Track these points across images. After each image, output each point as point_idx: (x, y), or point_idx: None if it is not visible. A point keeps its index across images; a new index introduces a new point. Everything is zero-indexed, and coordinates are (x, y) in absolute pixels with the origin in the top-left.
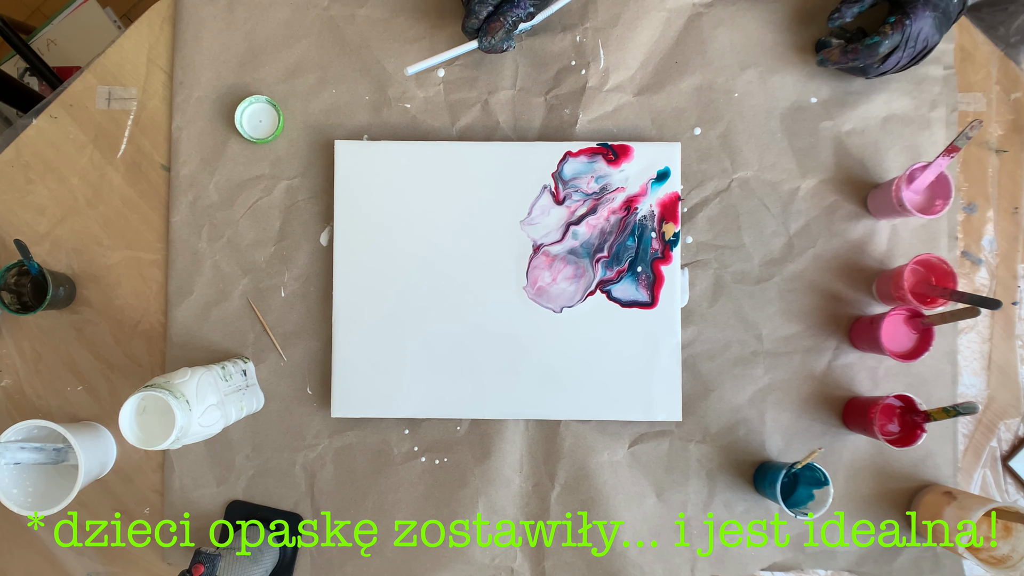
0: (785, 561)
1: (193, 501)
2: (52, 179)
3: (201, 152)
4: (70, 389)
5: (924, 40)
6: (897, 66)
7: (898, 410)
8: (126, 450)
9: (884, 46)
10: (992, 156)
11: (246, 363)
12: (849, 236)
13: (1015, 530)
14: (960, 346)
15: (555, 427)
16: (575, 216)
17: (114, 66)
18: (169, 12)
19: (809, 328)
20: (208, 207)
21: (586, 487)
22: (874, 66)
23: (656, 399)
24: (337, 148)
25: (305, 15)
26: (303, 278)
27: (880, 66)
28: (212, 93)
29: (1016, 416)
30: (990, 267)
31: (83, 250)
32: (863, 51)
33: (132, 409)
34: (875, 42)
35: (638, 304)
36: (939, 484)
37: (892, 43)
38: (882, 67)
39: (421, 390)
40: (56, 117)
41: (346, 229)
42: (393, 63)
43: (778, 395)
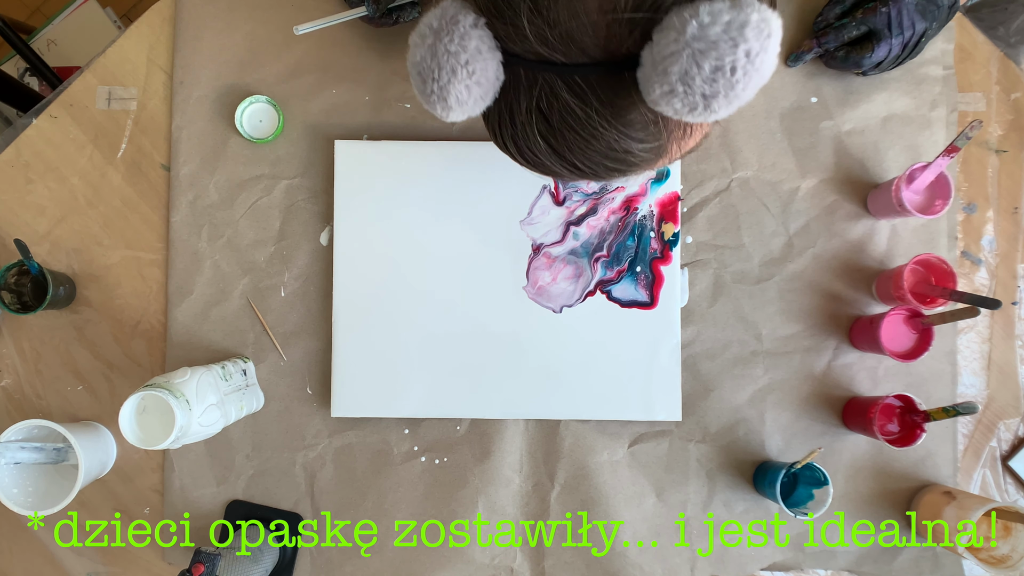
0: (785, 561)
1: (193, 501)
2: (52, 179)
3: (201, 152)
4: (70, 389)
5: (911, 26)
6: (889, 57)
7: (898, 410)
8: (126, 450)
9: (851, 29)
10: (992, 156)
11: (246, 363)
12: (849, 236)
13: (1015, 530)
14: (960, 346)
15: (555, 427)
16: (575, 216)
17: (114, 66)
18: (169, 12)
19: (809, 328)
20: (208, 207)
21: (586, 487)
22: (867, 58)
23: (656, 399)
24: (337, 148)
25: (305, 15)
26: (303, 278)
27: (871, 56)
28: (212, 93)
29: (1016, 416)
30: (990, 267)
31: (83, 250)
32: (831, 34)
33: (132, 409)
34: (843, 24)
35: (638, 304)
36: (939, 484)
37: (862, 27)
38: (874, 57)
39: (421, 390)
40: (56, 117)
41: (346, 229)
42: (393, 63)
43: (778, 395)
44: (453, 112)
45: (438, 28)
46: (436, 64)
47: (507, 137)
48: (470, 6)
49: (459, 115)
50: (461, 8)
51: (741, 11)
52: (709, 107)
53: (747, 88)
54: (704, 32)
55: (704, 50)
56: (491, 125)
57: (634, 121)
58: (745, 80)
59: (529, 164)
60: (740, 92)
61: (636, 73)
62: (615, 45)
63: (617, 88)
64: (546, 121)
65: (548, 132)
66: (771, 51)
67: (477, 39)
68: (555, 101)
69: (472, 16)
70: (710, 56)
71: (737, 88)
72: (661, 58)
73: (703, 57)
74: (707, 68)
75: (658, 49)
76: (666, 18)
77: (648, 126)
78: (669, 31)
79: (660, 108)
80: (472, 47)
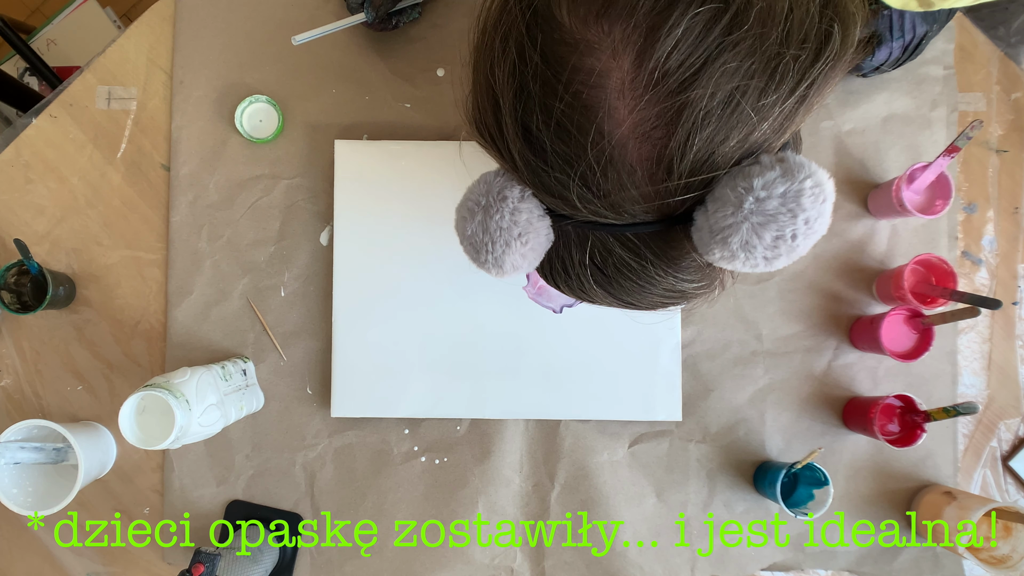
0: (785, 561)
1: (193, 501)
2: (52, 179)
3: (201, 152)
4: (70, 389)
5: (912, 29)
6: (890, 59)
7: (898, 410)
8: (126, 450)
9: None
10: (992, 156)
11: (246, 363)
12: (849, 236)
13: (1015, 530)
14: (960, 346)
15: (555, 427)
16: None
17: (114, 66)
18: (169, 12)
19: (809, 328)
20: (208, 207)
21: (586, 487)
22: (867, 60)
23: (656, 399)
24: (337, 148)
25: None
26: (303, 278)
27: (872, 59)
28: (212, 93)
29: (1016, 416)
30: (990, 267)
31: (83, 250)
32: None
33: (132, 409)
34: None
35: None
36: (939, 484)
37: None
38: (875, 60)
39: (421, 390)
40: (56, 117)
41: (346, 229)
42: (393, 63)
43: (778, 395)
44: (508, 275)
45: (487, 204)
46: (489, 239)
47: (562, 283)
48: (515, 177)
49: (514, 276)
50: (506, 182)
51: (794, 180)
52: (771, 265)
53: (806, 246)
54: (761, 207)
55: (763, 223)
56: (544, 273)
57: (689, 267)
58: (805, 242)
59: (585, 300)
60: (800, 251)
61: (690, 230)
62: (667, 210)
63: (671, 241)
64: (601, 272)
65: (604, 281)
66: (827, 212)
67: (527, 212)
68: (609, 256)
69: (518, 189)
70: (770, 228)
71: (798, 250)
72: (719, 228)
73: (763, 229)
74: (768, 238)
75: (715, 220)
76: (718, 188)
77: (703, 269)
78: (725, 204)
79: (719, 265)
80: (523, 220)
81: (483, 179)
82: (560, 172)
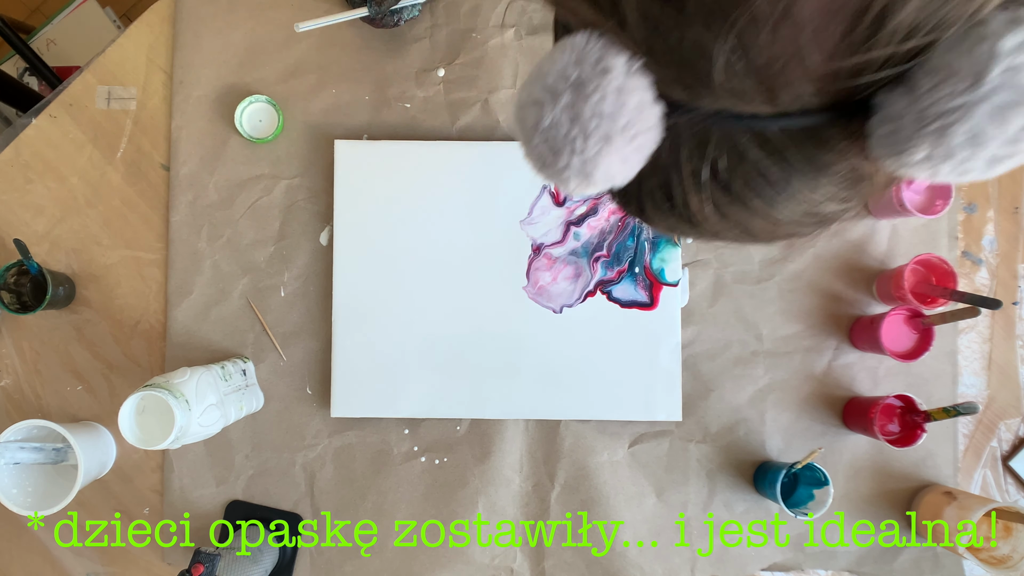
0: (785, 561)
1: (193, 501)
2: (51, 179)
3: (201, 152)
4: (70, 389)
5: None
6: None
7: (898, 410)
8: (126, 450)
9: None
10: None
11: (246, 363)
12: (849, 236)
13: (1015, 530)
14: (960, 346)
15: (555, 427)
16: (575, 216)
17: (114, 66)
18: (169, 12)
19: (809, 328)
20: (208, 207)
21: (586, 487)
22: None
23: (656, 399)
24: (337, 148)
25: (305, 14)
26: (303, 278)
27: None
28: (212, 93)
29: (1016, 416)
30: (990, 267)
31: (83, 250)
32: None
33: (131, 409)
34: None
35: (638, 304)
36: (939, 484)
37: None
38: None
39: (421, 390)
40: (56, 117)
41: (346, 229)
42: (393, 63)
43: (778, 395)
44: (595, 188)
45: (578, 81)
46: (580, 131)
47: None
48: (619, 40)
49: (597, 191)
50: (607, 49)
51: None
52: (989, 171)
53: None
54: (1013, 79)
55: (1012, 104)
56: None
57: (843, 179)
58: None
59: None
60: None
61: (864, 124)
62: (845, 94)
63: (825, 141)
64: (724, 189)
65: (726, 201)
66: None
67: (639, 92)
68: (739, 164)
69: (625, 57)
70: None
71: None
72: (936, 114)
73: (1012, 112)
74: (1013, 127)
75: (929, 102)
76: (937, 56)
77: (859, 182)
78: (951, 78)
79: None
80: (632, 104)
81: (568, 46)
82: (703, 26)
